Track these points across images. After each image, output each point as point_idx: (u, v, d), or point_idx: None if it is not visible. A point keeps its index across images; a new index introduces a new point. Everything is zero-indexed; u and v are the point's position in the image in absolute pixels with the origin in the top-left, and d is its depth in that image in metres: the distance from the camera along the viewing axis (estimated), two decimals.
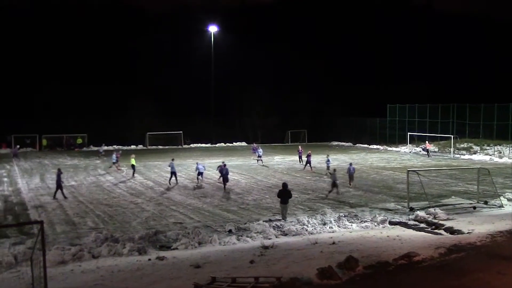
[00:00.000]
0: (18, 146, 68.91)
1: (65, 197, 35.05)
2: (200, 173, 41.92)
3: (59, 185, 35.30)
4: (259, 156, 56.26)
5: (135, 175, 46.63)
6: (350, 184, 39.76)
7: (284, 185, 28.18)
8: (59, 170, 36.30)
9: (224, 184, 39.28)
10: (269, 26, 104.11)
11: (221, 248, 21.90)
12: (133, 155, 49.00)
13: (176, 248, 22.16)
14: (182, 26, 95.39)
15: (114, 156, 52.27)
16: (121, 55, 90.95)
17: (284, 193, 27.70)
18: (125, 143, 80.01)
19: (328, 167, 46.82)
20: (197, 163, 43.09)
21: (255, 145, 66.93)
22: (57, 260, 20.04)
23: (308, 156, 50.00)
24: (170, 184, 41.24)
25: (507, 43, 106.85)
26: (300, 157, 55.99)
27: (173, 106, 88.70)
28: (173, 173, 41.73)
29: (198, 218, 28.58)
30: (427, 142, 67.33)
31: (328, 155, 48.85)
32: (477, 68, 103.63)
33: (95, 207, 31.70)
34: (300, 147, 59.32)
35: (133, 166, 47.25)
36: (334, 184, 35.17)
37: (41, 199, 34.79)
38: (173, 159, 43.84)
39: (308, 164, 49.77)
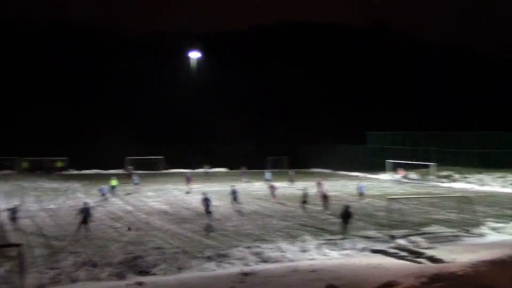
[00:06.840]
0: (131, 167, 68.71)
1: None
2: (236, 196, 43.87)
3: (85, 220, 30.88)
4: (267, 180, 58.22)
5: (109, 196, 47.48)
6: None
7: (346, 206, 30.87)
8: (85, 203, 32.88)
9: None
10: (246, 52, 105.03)
11: (200, 274, 21.71)
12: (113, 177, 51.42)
13: (155, 274, 21.96)
14: (162, 52, 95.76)
15: (135, 178, 54.65)
16: (103, 79, 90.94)
17: (345, 214, 30.23)
18: (104, 167, 79.37)
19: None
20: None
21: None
22: (35, 283, 19.91)
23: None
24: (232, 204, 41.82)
25: (491, 73, 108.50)
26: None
27: (153, 131, 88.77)
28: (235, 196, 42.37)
29: (177, 243, 28.30)
30: (402, 169, 68.48)
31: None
32: (460, 96, 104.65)
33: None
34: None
35: (113, 187, 49.12)
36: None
37: (20, 222, 34.19)
38: (232, 186, 44.31)
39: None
